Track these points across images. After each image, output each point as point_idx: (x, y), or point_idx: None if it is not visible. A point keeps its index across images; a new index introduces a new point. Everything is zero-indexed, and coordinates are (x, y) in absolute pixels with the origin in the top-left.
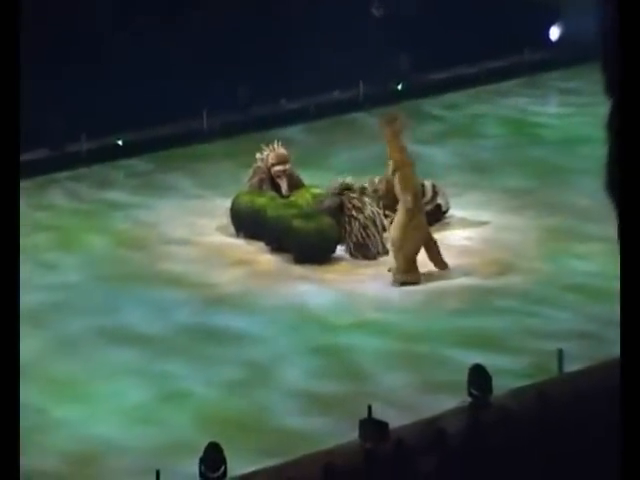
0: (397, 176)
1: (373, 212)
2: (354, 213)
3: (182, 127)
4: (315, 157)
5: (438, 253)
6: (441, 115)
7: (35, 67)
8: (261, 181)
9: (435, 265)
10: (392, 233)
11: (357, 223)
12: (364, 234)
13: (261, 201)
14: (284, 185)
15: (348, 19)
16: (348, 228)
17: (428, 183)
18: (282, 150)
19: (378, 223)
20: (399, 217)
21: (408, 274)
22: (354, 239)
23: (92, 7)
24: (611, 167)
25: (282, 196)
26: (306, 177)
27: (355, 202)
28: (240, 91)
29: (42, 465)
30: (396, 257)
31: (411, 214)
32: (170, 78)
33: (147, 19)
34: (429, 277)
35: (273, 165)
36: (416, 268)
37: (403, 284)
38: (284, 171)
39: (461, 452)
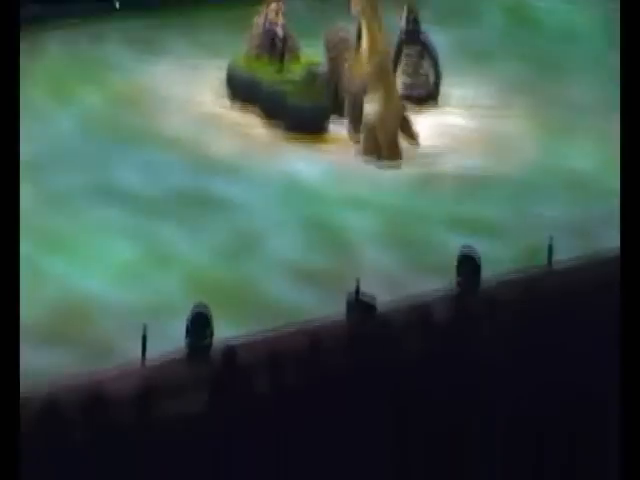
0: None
1: None
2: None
3: None
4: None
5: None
6: None
7: None
8: (258, 39)
9: (405, 134)
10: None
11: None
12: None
13: (256, 69)
14: (280, 31)
15: None
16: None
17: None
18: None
19: None
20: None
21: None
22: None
23: None
24: None
25: (278, 57)
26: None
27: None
28: None
29: (31, 317)
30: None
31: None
32: None
33: None
34: (425, 159)
35: (270, 21)
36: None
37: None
38: (278, 16)
39: (447, 336)
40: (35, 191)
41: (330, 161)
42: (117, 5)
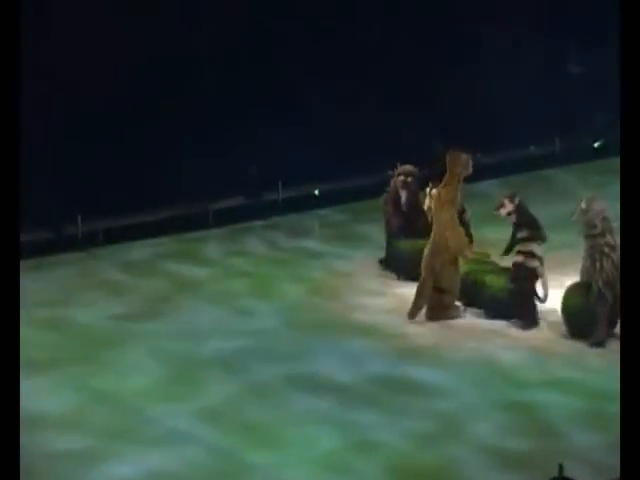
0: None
1: None
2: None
3: (376, 178)
4: None
5: None
6: None
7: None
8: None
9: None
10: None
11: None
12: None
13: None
14: (403, 196)
15: (546, 73)
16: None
17: None
18: (409, 166)
19: None
20: None
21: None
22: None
23: None
24: None
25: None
26: (496, 231)
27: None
28: (435, 143)
29: None
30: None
31: None
32: (365, 129)
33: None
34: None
35: (398, 175)
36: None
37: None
38: (405, 182)
39: None
40: (237, 385)
41: (529, 343)
42: (316, 192)
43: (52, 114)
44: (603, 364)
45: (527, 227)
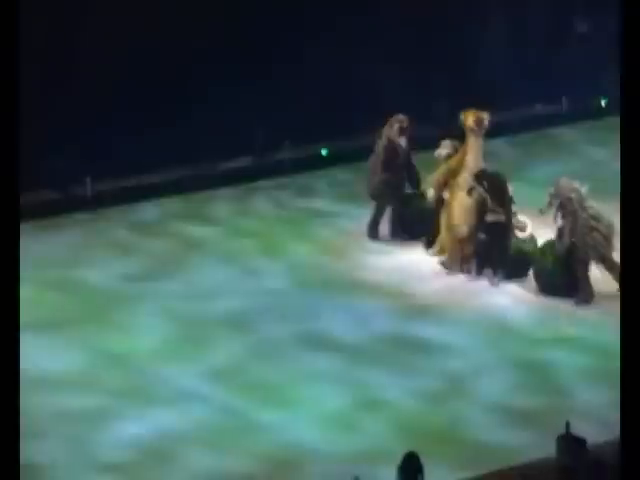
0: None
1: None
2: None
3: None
4: (517, 170)
5: None
6: None
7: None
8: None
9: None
10: None
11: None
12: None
13: None
14: (403, 142)
15: (555, 32)
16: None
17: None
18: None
19: None
20: None
21: None
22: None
23: None
24: None
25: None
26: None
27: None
28: (438, 106)
29: (241, 468)
30: None
31: None
32: (372, 88)
33: None
34: None
35: (393, 125)
36: None
37: None
38: (402, 128)
39: None
40: (246, 344)
41: (537, 301)
42: (323, 152)
43: (62, 74)
44: (611, 322)
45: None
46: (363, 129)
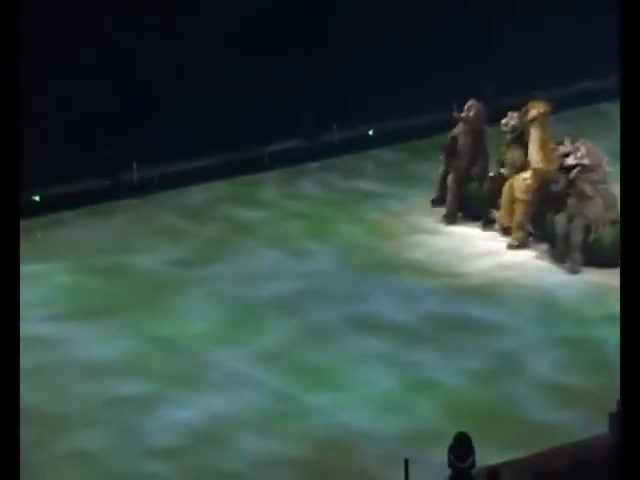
0: None
1: None
2: None
3: (433, 117)
4: None
5: None
6: None
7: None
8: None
9: None
10: None
11: None
12: None
13: None
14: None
15: (600, 7)
16: None
17: None
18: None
19: None
20: None
21: None
22: None
23: None
24: None
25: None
26: None
27: None
28: (488, 85)
29: (292, 451)
30: None
31: None
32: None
33: None
34: None
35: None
36: None
37: None
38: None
39: None
40: (296, 326)
41: (586, 278)
42: (370, 132)
43: (107, 62)
44: None
45: None
46: (409, 110)
